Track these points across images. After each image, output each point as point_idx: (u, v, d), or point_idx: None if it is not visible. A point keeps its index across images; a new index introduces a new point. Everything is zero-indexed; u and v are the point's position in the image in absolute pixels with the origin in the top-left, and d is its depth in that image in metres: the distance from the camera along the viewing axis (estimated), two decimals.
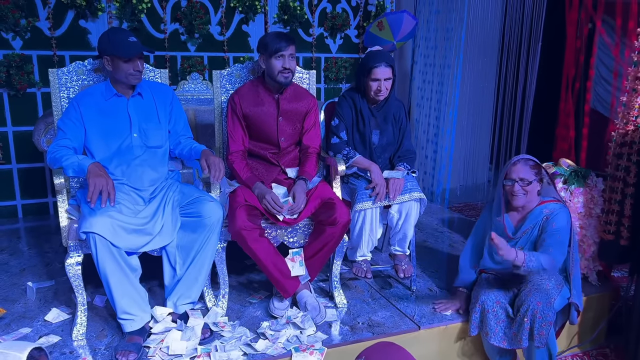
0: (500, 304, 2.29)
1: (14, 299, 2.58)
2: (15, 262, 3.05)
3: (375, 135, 2.71)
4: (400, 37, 4.23)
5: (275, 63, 2.42)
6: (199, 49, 4.13)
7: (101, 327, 2.32)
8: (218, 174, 2.25)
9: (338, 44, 4.61)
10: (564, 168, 2.84)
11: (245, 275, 2.86)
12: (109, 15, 3.80)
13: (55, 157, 2.17)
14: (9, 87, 3.65)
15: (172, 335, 2.17)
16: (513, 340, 2.25)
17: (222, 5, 4.12)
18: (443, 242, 3.56)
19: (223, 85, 2.72)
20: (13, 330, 2.29)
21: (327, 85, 4.64)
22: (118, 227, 2.10)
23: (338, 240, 2.41)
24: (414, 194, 2.58)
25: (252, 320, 2.41)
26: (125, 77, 2.25)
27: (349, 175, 2.70)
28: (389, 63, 2.58)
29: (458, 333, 2.46)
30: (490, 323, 2.28)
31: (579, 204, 2.74)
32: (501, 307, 2.28)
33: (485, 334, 2.31)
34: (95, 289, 2.58)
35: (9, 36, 3.61)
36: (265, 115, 2.51)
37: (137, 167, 2.34)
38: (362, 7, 4.63)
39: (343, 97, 2.73)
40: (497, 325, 2.28)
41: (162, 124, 2.41)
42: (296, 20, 4.34)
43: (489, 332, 2.28)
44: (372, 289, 2.76)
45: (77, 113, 2.28)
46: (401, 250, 2.71)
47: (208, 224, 2.25)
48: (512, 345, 2.26)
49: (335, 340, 2.28)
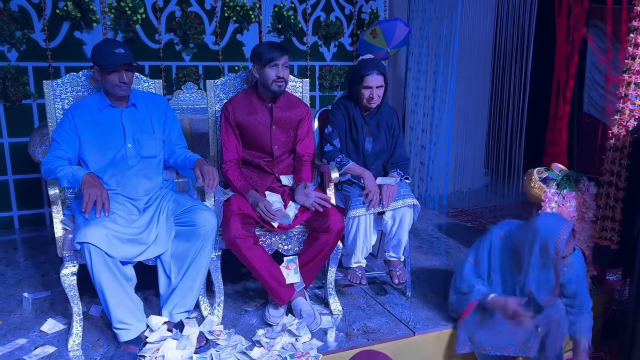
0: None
1: (10, 310, 2.58)
2: (11, 273, 3.05)
3: (369, 142, 2.74)
4: (393, 45, 4.27)
5: (269, 72, 2.44)
6: (194, 58, 4.16)
7: (97, 337, 2.33)
8: (212, 183, 2.26)
9: (332, 52, 4.65)
10: (556, 173, 2.86)
11: (241, 283, 2.86)
12: (104, 26, 3.83)
13: (49, 168, 2.19)
14: (5, 99, 3.67)
15: (168, 344, 2.18)
16: (522, 347, 2.21)
17: (217, 15, 4.16)
18: (439, 247, 3.57)
19: (217, 95, 2.74)
20: (9, 341, 2.29)
21: (322, 93, 4.67)
22: (112, 237, 2.11)
23: (332, 247, 2.42)
24: (408, 200, 2.60)
25: (247, 328, 2.42)
26: (112, 88, 2.27)
27: (342, 182, 2.72)
28: (380, 71, 2.61)
29: (453, 339, 2.46)
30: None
31: (571, 208, 2.76)
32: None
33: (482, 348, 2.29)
34: (91, 299, 2.58)
35: (5, 48, 3.64)
36: (258, 124, 2.53)
37: (132, 177, 2.35)
38: (356, 16, 4.67)
39: (336, 105, 2.76)
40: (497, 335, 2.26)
41: (156, 133, 2.43)
42: (290, 29, 4.37)
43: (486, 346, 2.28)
44: (367, 296, 2.77)
45: (71, 124, 2.30)
46: (396, 256, 2.72)
47: (202, 232, 2.26)
48: (519, 353, 2.23)
49: (331, 347, 2.29)
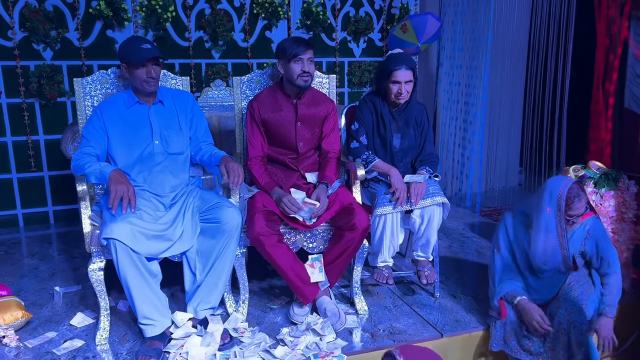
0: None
1: (42, 303, 2.64)
2: (45, 267, 3.13)
3: (397, 139, 2.68)
4: (424, 40, 4.17)
5: (294, 67, 2.41)
6: (223, 56, 4.17)
7: (124, 332, 2.36)
8: (237, 180, 2.25)
9: (361, 47, 4.59)
10: (593, 171, 2.74)
11: (267, 281, 2.85)
12: (135, 24, 3.88)
13: (78, 164, 2.22)
14: (41, 97, 3.76)
15: (192, 341, 2.18)
16: (551, 355, 2.16)
17: (246, 12, 4.15)
18: (470, 247, 3.48)
19: (243, 91, 2.74)
20: (39, 334, 2.34)
21: (351, 90, 4.62)
22: (138, 233, 2.12)
23: (357, 246, 2.38)
24: (437, 198, 2.53)
25: (272, 326, 2.41)
26: (140, 84, 2.28)
27: (369, 179, 2.66)
28: (409, 65, 2.54)
29: (482, 341, 2.39)
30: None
31: (610, 208, 2.63)
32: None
33: (514, 351, 2.23)
34: (119, 294, 2.61)
35: (40, 47, 3.73)
36: (283, 121, 2.51)
37: (159, 173, 2.37)
38: (386, 10, 4.59)
39: (363, 101, 2.71)
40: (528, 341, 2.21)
41: (183, 130, 2.43)
42: (319, 25, 4.33)
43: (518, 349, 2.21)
44: (394, 296, 2.72)
45: (100, 121, 2.33)
46: (424, 255, 2.66)
47: (227, 229, 2.25)
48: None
49: (356, 347, 2.25)
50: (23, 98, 3.75)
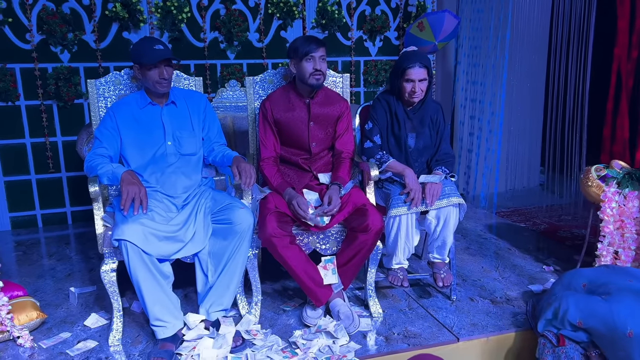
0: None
1: (57, 303, 2.66)
2: (61, 267, 3.15)
3: (412, 138, 2.62)
4: (441, 38, 4.11)
5: (306, 65, 2.38)
6: (238, 56, 4.17)
7: (137, 333, 2.35)
8: (249, 181, 2.23)
9: (377, 46, 4.54)
10: (616, 170, 2.65)
11: (280, 282, 2.83)
12: (151, 26, 3.90)
13: (91, 165, 2.23)
14: (58, 99, 3.80)
15: (204, 343, 2.16)
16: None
17: (261, 12, 4.14)
18: (488, 249, 3.41)
19: (256, 91, 2.72)
20: (54, 334, 2.35)
21: (366, 89, 4.58)
22: (150, 234, 2.11)
23: (371, 248, 2.34)
24: (453, 199, 2.47)
25: (284, 328, 2.38)
26: (152, 85, 2.27)
27: (383, 180, 2.62)
28: (423, 63, 2.49)
29: (500, 346, 2.33)
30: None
31: (634, 209, 2.54)
32: None
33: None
34: (133, 295, 2.60)
35: (57, 49, 3.77)
36: (296, 120, 2.48)
37: (171, 174, 2.36)
38: (402, 8, 4.53)
39: (377, 100, 2.66)
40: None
41: (195, 131, 2.42)
42: (334, 24, 4.30)
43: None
44: (409, 298, 2.67)
45: (112, 122, 2.33)
46: (440, 257, 2.60)
47: (239, 230, 2.23)
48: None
49: (370, 351, 2.21)
50: (41, 100, 3.80)
